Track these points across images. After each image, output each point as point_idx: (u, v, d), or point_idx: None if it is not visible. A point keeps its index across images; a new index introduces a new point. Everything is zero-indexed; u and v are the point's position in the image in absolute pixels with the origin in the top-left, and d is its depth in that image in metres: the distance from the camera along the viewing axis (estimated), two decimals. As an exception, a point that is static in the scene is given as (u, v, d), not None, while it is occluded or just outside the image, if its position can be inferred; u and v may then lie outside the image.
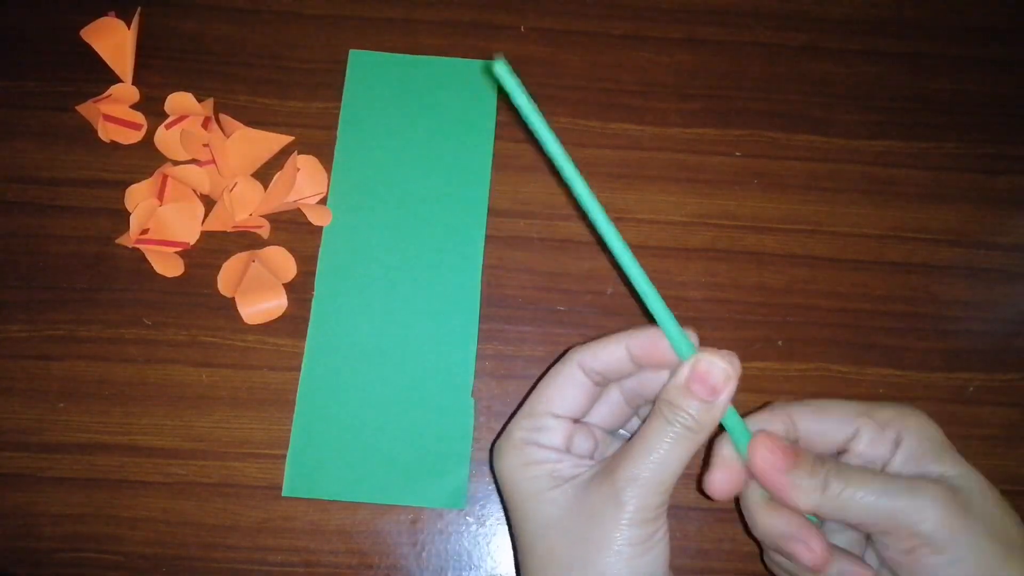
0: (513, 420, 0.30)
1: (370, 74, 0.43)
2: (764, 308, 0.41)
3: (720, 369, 0.27)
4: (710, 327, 0.40)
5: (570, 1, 0.47)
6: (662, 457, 0.26)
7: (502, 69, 0.24)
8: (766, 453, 0.28)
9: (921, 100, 0.46)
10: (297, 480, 0.37)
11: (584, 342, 0.30)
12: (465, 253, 0.40)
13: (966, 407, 0.40)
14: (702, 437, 0.27)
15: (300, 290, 0.40)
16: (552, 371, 0.30)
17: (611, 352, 0.29)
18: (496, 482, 0.32)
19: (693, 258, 0.42)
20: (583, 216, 0.37)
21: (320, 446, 0.37)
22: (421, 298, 0.40)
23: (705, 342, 0.40)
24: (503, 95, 0.38)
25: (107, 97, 0.42)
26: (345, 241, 0.41)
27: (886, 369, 0.40)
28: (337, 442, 0.37)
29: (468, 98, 0.43)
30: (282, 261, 0.41)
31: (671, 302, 0.40)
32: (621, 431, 0.32)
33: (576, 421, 0.30)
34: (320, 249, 0.41)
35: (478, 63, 0.44)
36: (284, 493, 0.37)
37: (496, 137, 0.43)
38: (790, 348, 0.40)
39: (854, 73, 0.46)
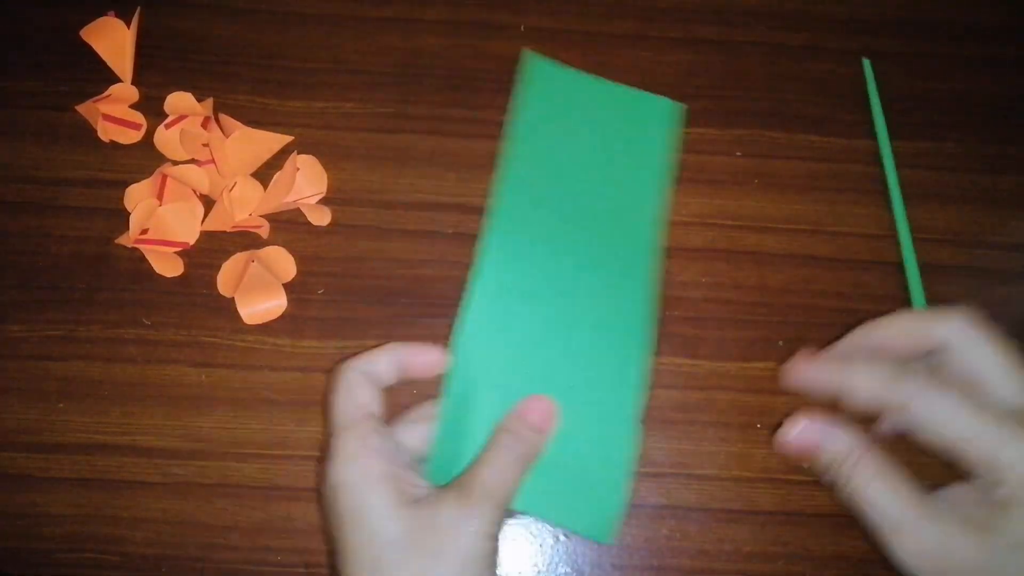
0: (337, 435, 0.30)
1: (544, 80, 0.43)
2: (764, 308, 0.41)
3: (550, 407, 0.34)
4: (710, 327, 0.40)
5: (570, 1, 0.47)
6: (507, 476, 0.31)
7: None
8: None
9: (921, 100, 0.45)
10: (442, 471, 0.34)
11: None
12: (634, 276, 0.39)
13: (967, 407, 0.40)
14: (530, 460, 0.32)
15: (299, 290, 0.40)
16: (337, 387, 0.32)
17: (382, 359, 0.33)
18: (325, 492, 0.30)
19: (693, 258, 0.42)
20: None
21: (467, 455, 0.34)
22: (586, 314, 0.37)
23: (705, 342, 0.40)
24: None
25: (107, 97, 0.42)
26: (508, 250, 0.39)
27: (887, 369, 0.40)
28: (486, 435, 0.34)
29: (646, 128, 0.42)
30: (282, 261, 0.41)
31: (672, 302, 0.41)
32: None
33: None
34: (481, 254, 0.38)
35: (653, 97, 0.43)
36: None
37: (495, 138, 0.43)
38: (790, 348, 0.40)
39: (854, 73, 0.46)
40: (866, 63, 0.46)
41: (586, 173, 0.41)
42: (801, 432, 0.29)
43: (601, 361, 0.37)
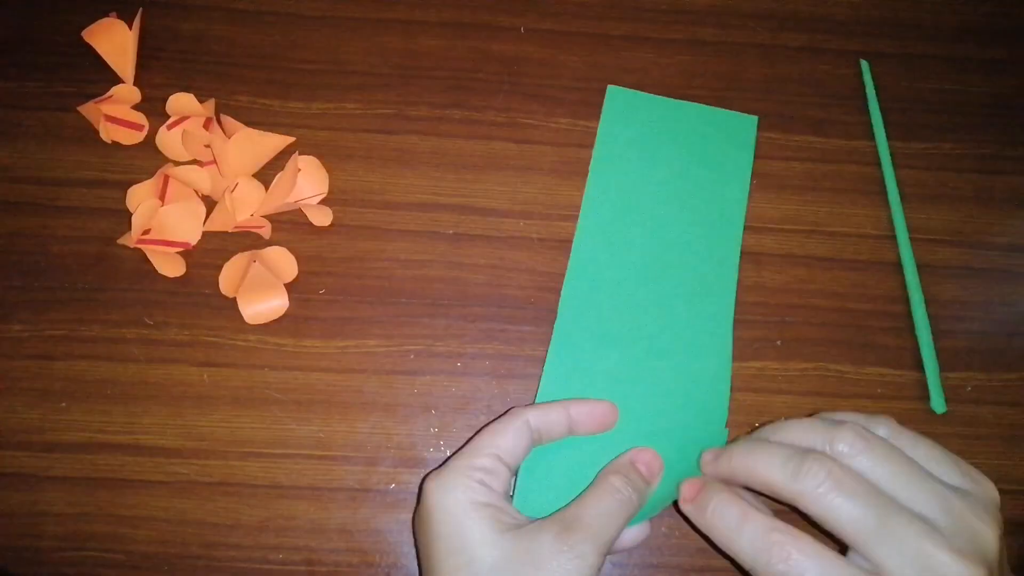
0: (458, 457, 0.31)
1: (624, 109, 0.44)
2: (763, 308, 0.41)
3: (659, 461, 0.34)
4: (709, 327, 0.41)
5: (570, 2, 0.47)
6: (611, 520, 0.30)
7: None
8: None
9: (919, 101, 0.46)
10: (529, 498, 0.35)
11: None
12: (716, 290, 0.40)
13: (964, 407, 0.40)
14: (635, 509, 0.32)
15: (301, 290, 0.41)
16: (501, 421, 0.33)
17: (556, 414, 0.33)
18: (420, 511, 0.31)
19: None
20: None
21: (555, 468, 0.35)
22: (670, 335, 0.39)
23: (704, 342, 0.40)
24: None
25: (108, 98, 0.42)
26: (592, 268, 0.40)
27: (884, 369, 0.40)
28: (575, 466, 0.35)
29: (721, 146, 0.43)
30: (283, 261, 0.41)
31: (671, 302, 0.41)
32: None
33: (510, 473, 0.32)
34: (566, 276, 0.40)
35: (730, 114, 0.44)
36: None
37: (495, 139, 0.44)
38: (789, 348, 0.41)
39: (853, 74, 0.46)
40: (864, 64, 0.46)
41: (669, 193, 0.42)
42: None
43: (688, 374, 0.38)
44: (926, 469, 0.27)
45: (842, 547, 0.28)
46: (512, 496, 0.35)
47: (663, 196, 0.42)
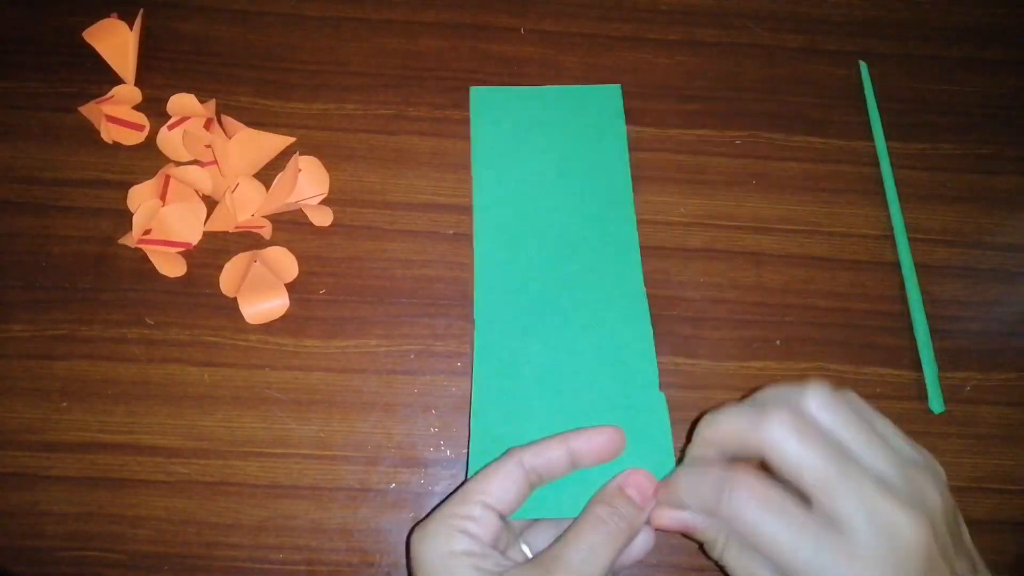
0: (443, 505, 0.30)
1: (491, 108, 0.44)
2: (762, 308, 0.41)
3: (652, 481, 0.31)
4: (709, 327, 0.41)
5: (570, 3, 0.47)
6: (597, 557, 0.29)
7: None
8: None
9: (917, 101, 0.46)
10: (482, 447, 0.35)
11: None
12: (622, 261, 0.40)
13: (963, 407, 0.40)
14: (627, 538, 0.30)
15: (301, 290, 0.41)
16: (491, 465, 0.31)
17: (554, 451, 0.31)
18: (409, 563, 0.30)
19: (692, 258, 0.42)
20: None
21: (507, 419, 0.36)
22: (586, 309, 0.39)
23: (704, 342, 0.41)
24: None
25: (109, 98, 0.42)
26: (498, 271, 0.40)
27: (883, 368, 0.40)
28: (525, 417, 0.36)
29: (592, 119, 0.43)
30: (284, 261, 0.41)
31: (670, 302, 0.41)
32: (522, 545, 0.33)
33: (503, 518, 0.30)
34: (475, 282, 0.40)
35: (594, 88, 0.44)
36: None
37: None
38: (788, 348, 0.41)
39: (852, 74, 0.46)
40: (863, 65, 0.46)
41: (553, 175, 0.42)
42: (662, 519, 0.31)
43: (612, 347, 0.38)
44: (885, 437, 0.29)
45: None
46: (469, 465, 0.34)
47: (549, 180, 0.42)
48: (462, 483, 0.32)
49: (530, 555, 0.32)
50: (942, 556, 0.26)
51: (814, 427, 0.28)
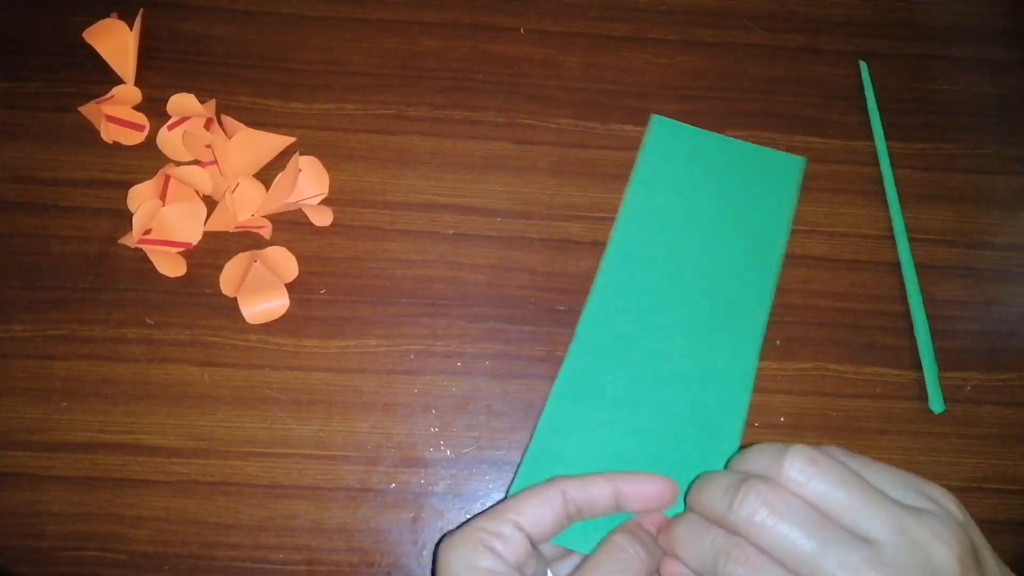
0: (476, 519, 0.29)
1: (667, 139, 0.43)
2: (762, 308, 0.41)
3: (665, 516, 0.31)
4: (709, 327, 0.41)
5: (570, 3, 0.47)
6: None
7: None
8: None
9: (917, 101, 0.46)
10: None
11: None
12: (742, 332, 0.39)
13: (963, 407, 0.40)
14: (644, 570, 0.29)
15: (301, 290, 0.41)
16: (533, 487, 0.30)
17: (600, 488, 0.30)
18: (434, 570, 0.30)
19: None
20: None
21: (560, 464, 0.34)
22: (689, 364, 0.38)
23: (704, 342, 0.40)
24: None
25: (109, 98, 0.42)
26: (616, 295, 0.39)
27: (883, 368, 0.40)
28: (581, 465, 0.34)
29: (766, 184, 0.42)
30: (284, 261, 0.41)
31: (670, 302, 0.41)
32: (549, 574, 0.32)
33: (533, 544, 0.29)
34: (589, 298, 0.39)
35: (778, 154, 0.43)
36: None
37: (495, 139, 0.44)
38: (788, 348, 0.41)
39: (852, 74, 0.46)
40: (862, 65, 0.46)
41: (705, 227, 0.41)
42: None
43: (702, 408, 0.37)
44: (881, 491, 0.26)
45: None
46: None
47: (699, 229, 0.41)
48: (501, 499, 0.31)
49: None
50: None
51: (793, 501, 0.25)
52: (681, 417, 0.36)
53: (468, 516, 0.38)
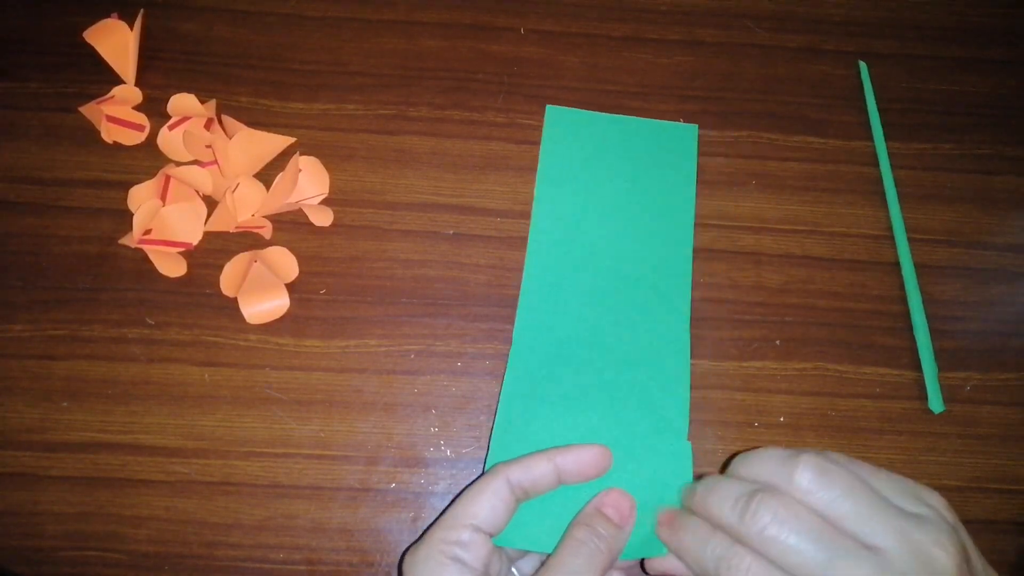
0: (433, 529, 0.30)
1: (565, 127, 0.44)
2: (762, 308, 0.41)
3: (628, 499, 0.31)
4: (708, 327, 0.41)
5: (569, 3, 0.47)
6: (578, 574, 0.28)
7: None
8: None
9: (916, 102, 0.46)
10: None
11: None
12: (671, 300, 0.40)
13: (963, 406, 0.40)
14: (609, 558, 0.29)
15: (302, 290, 0.41)
16: (479, 483, 0.30)
17: (540, 467, 0.31)
18: None
19: (692, 258, 0.42)
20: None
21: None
22: (626, 343, 0.38)
23: (703, 342, 0.41)
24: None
25: (110, 98, 0.42)
26: (545, 290, 0.40)
27: (883, 368, 0.40)
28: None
29: (664, 155, 0.43)
30: (284, 261, 0.41)
31: (670, 302, 0.41)
32: (514, 571, 0.33)
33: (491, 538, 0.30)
34: (521, 294, 0.40)
35: (672, 124, 0.44)
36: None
37: (495, 139, 0.44)
38: (788, 348, 0.41)
39: (851, 75, 0.46)
40: (862, 65, 0.46)
41: (616, 207, 0.42)
42: (658, 571, 0.31)
43: (647, 385, 0.37)
44: (885, 498, 0.27)
45: None
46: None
47: (611, 211, 0.42)
48: (450, 503, 0.31)
49: None
50: None
51: (803, 512, 0.26)
52: (628, 396, 0.37)
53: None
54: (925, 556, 0.25)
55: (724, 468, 0.32)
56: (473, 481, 0.31)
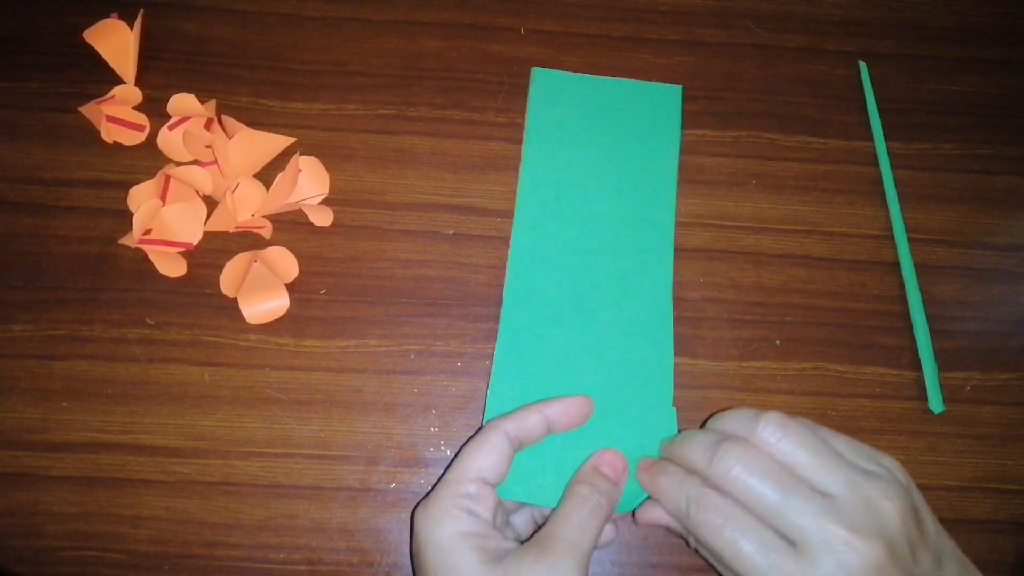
0: (443, 484, 0.32)
1: (551, 90, 0.44)
2: (762, 308, 0.41)
3: (622, 459, 0.34)
4: (708, 327, 0.41)
5: (569, 3, 0.47)
6: (586, 529, 0.31)
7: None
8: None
9: (916, 102, 0.46)
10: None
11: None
12: (655, 264, 0.40)
13: (963, 406, 0.40)
14: (608, 511, 0.32)
15: (302, 290, 0.41)
16: (478, 439, 0.33)
17: (532, 418, 0.34)
18: (412, 542, 0.32)
19: (691, 258, 0.42)
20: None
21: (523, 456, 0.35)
22: (612, 308, 0.39)
23: (703, 342, 0.41)
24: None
25: (110, 98, 0.42)
26: (532, 254, 0.40)
27: (883, 368, 0.40)
28: (530, 451, 0.35)
29: (649, 116, 0.44)
30: (284, 261, 0.41)
31: (670, 302, 0.41)
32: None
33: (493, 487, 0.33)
34: (508, 263, 0.40)
35: (656, 85, 0.44)
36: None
37: (495, 139, 0.44)
38: (788, 348, 0.41)
39: (851, 75, 0.46)
40: (862, 65, 0.46)
41: (602, 168, 0.42)
42: (644, 517, 0.33)
43: (632, 353, 0.38)
44: (840, 454, 0.30)
45: None
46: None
47: (596, 172, 0.42)
48: (453, 459, 0.33)
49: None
50: (897, 567, 0.27)
51: (764, 458, 0.29)
52: (614, 363, 0.38)
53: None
54: (873, 505, 0.28)
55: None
56: (471, 437, 0.33)
